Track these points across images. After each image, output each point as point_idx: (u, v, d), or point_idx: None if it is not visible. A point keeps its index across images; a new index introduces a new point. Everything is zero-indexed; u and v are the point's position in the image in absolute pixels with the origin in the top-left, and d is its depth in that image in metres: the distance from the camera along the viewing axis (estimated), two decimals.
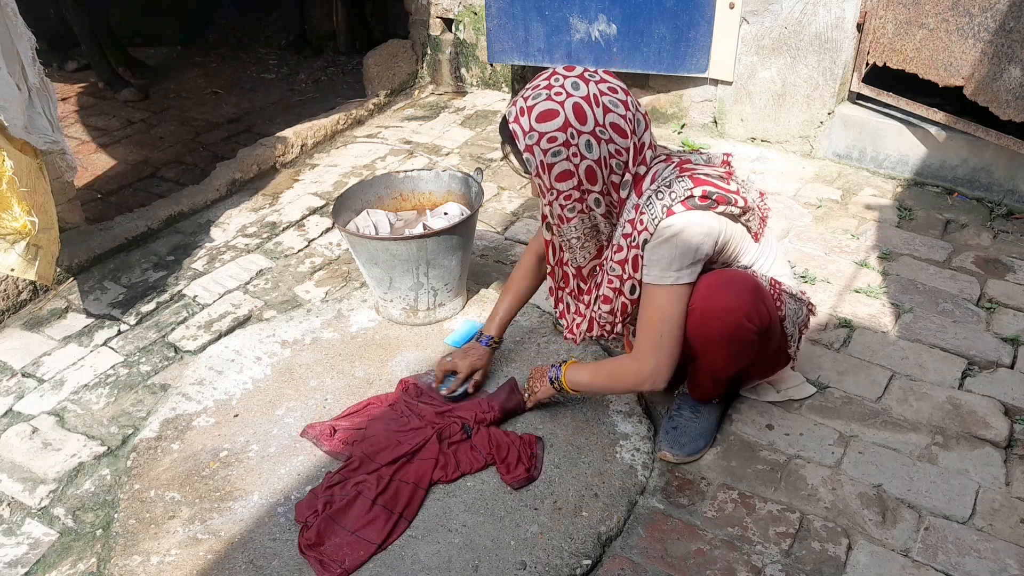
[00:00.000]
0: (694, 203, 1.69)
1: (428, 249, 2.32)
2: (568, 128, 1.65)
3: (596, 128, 1.66)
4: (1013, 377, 2.21)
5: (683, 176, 1.73)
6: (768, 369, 2.06)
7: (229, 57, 5.24)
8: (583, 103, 1.65)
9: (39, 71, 2.41)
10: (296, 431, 2.10)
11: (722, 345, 1.80)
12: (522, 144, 1.68)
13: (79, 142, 4.03)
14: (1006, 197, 3.02)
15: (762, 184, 3.21)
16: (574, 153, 1.67)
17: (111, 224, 3.00)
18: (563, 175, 1.70)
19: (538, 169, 1.69)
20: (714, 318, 1.75)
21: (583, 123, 1.65)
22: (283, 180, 3.47)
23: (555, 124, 1.65)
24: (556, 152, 1.67)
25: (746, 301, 1.75)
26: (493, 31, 3.70)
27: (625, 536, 1.80)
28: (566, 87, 1.67)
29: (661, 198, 1.70)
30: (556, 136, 1.65)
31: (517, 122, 1.68)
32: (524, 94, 1.70)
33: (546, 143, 1.66)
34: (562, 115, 1.64)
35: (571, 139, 1.66)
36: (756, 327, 1.78)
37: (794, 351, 1.98)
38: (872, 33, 3.11)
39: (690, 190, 1.70)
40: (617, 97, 1.68)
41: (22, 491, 1.99)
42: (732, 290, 1.75)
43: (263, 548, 1.78)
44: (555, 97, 1.66)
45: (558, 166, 1.68)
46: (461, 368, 2.12)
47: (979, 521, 1.80)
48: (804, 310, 1.97)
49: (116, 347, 2.48)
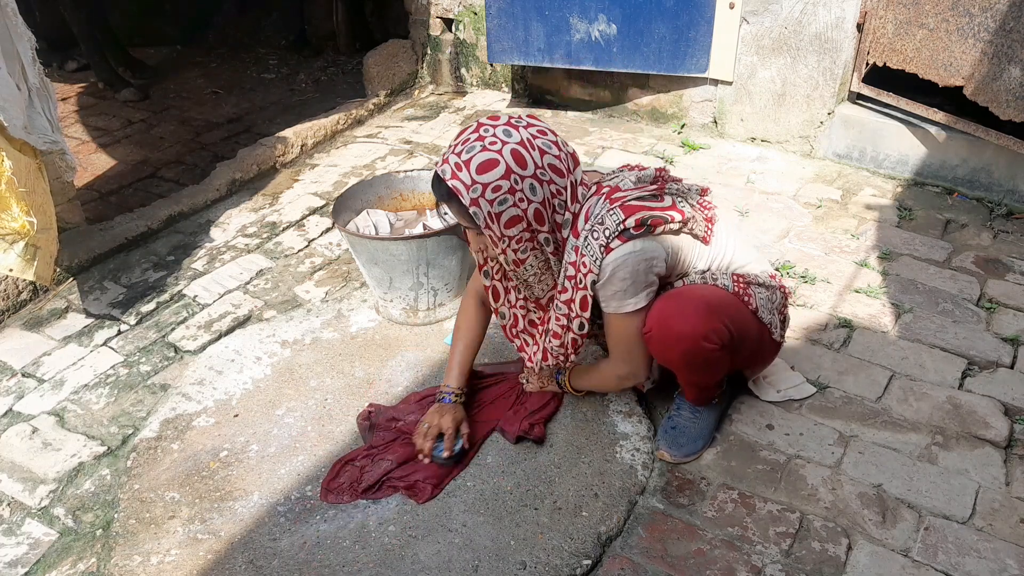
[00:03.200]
0: (629, 235, 1.72)
1: (428, 249, 2.32)
2: (511, 174, 1.65)
3: (537, 171, 1.68)
4: (1013, 377, 2.21)
5: (614, 208, 1.73)
6: (759, 362, 2.07)
7: (229, 57, 5.24)
8: (520, 148, 1.67)
9: (39, 71, 2.41)
10: (296, 431, 2.10)
11: (686, 366, 1.85)
12: (467, 199, 1.66)
13: (79, 142, 4.03)
14: (1006, 197, 3.02)
15: (762, 184, 3.21)
16: (520, 198, 1.68)
17: (111, 224, 3.00)
18: (512, 221, 1.70)
19: (487, 220, 1.68)
20: (671, 344, 1.78)
21: (524, 168, 1.66)
22: (283, 180, 3.47)
23: (497, 173, 1.65)
24: (503, 200, 1.67)
25: (702, 322, 1.75)
26: (493, 31, 3.70)
27: (625, 536, 1.80)
28: (499, 135, 1.67)
29: (596, 237, 1.72)
30: (500, 184, 1.65)
31: (456, 178, 1.66)
32: (454, 150, 1.68)
33: (491, 193, 1.66)
34: (502, 163, 1.65)
35: (515, 185, 1.66)
36: (716, 344, 1.78)
37: (779, 335, 1.98)
38: (872, 33, 3.11)
39: (622, 223, 1.71)
40: (548, 139, 1.71)
41: (22, 491, 1.99)
42: (685, 314, 1.75)
43: (263, 548, 1.78)
44: (491, 147, 1.66)
45: (506, 213, 1.69)
46: (447, 426, 1.96)
47: (979, 521, 1.80)
48: (778, 294, 1.95)
49: (116, 347, 2.48)
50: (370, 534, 1.80)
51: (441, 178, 1.69)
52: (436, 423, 1.97)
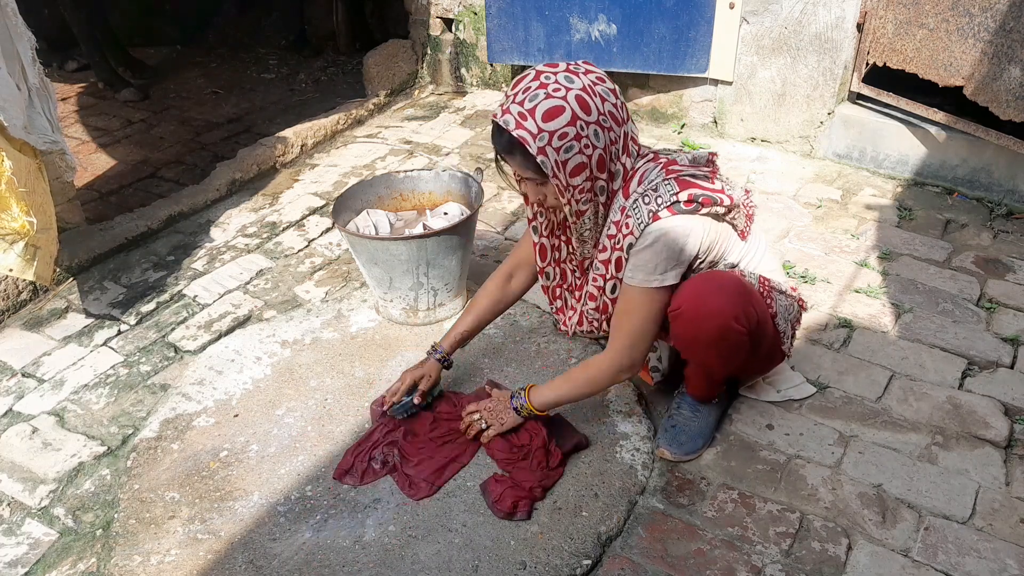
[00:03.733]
0: (679, 208, 1.71)
1: (428, 249, 2.32)
2: (577, 121, 1.63)
3: (599, 117, 1.65)
4: (1013, 377, 2.21)
5: (669, 179, 1.73)
6: (764, 367, 2.07)
7: (229, 57, 5.24)
8: (583, 94, 1.64)
9: (39, 71, 2.41)
10: (296, 431, 2.10)
11: (712, 347, 1.82)
12: (534, 148, 1.62)
13: (79, 142, 4.03)
14: (1006, 197, 3.02)
15: (762, 184, 3.21)
16: (585, 145, 1.65)
17: (111, 224, 3.00)
18: (577, 168, 1.68)
19: (554, 169, 1.66)
20: (703, 321, 1.76)
21: (588, 114, 1.64)
22: (283, 180, 3.47)
23: (564, 119, 1.62)
24: (569, 147, 1.64)
25: (734, 303, 1.76)
26: (493, 31, 3.70)
27: (625, 536, 1.80)
28: (561, 82, 1.64)
29: (647, 202, 1.71)
30: (567, 131, 1.63)
31: (522, 127, 1.62)
32: (516, 98, 1.65)
33: (558, 140, 1.63)
34: (568, 109, 1.62)
35: (581, 131, 1.64)
36: (745, 328, 1.79)
37: (788, 347, 2.00)
38: (872, 33, 3.11)
39: (676, 195, 1.71)
40: (607, 86, 1.69)
41: (22, 491, 1.99)
42: (720, 292, 1.76)
43: (263, 548, 1.78)
44: (554, 94, 1.63)
45: (572, 160, 1.66)
46: (405, 380, 2.00)
47: (979, 521, 1.80)
48: (795, 306, 1.98)
49: (116, 347, 2.48)
50: (370, 534, 1.80)
51: (503, 129, 1.64)
52: (402, 376, 2.03)
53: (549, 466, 1.90)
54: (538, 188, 1.75)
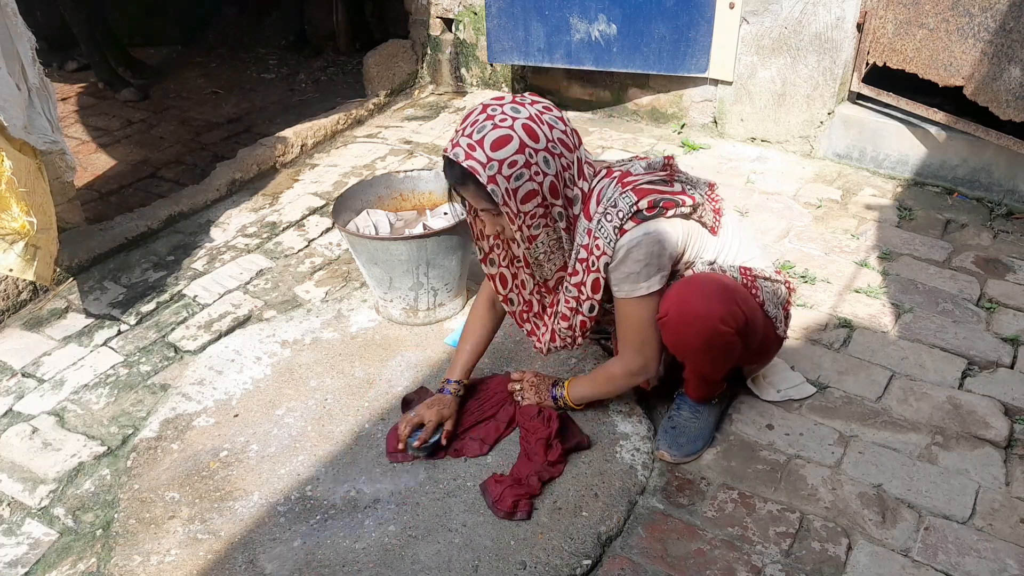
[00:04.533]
0: (642, 216, 1.73)
1: (428, 249, 2.32)
2: (525, 148, 1.66)
3: (548, 144, 1.68)
4: (1013, 377, 2.21)
5: (626, 191, 1.74)
6: (763, 357, 2.08)
7: (229, 57, 5.24)
8: (530, 123, 1.67)
9: (39, 71, 2.41)
10: (296, 431, 2.10)
11: (701, 351, 1.84)
12: (484, 177, 1.65)
13: (79, 142, 4.03)
14: (1006, 197, 3.02)
15: (762, 184, 3.21)
16: (536, 172, 1.68)
17: (111, 224, 3.00)
18: (528, 195, 1.70)
19: (504, 197, 1.68)
20: (689, 326, 1.78)
21: (536, 141, 1.67)
22: (283, 180, 3.47)
23: (512, 148, 1.65)
24: (519, 175, 1.67)
25: (718, 304, 1.76)
26: (493, 31, 3.70)
27: (625, 536, 1.80)
28: (507, 112, 1.68)
29: (610, 220, 1.74)
30: (516, 159, 1.65)
31: (471, 158, 1.65)
32: (464, 132, 1.68)
33: (508, 168, 1.65)
34: (516, 138, 1.65)
35: (530, 159, 1.66)
36: (733, 328, 1.79)
37: (783, 331, 2.00)
38: (872, 33, 3.11)
39: (635, 204, 1.73)
40: (554, 114, 1.72)
41: (22, 491, 1.99)
42: (702, 295, 1.77)
43: (263, 548, 1.78)
44: (501, 124, 1.66)
45: (523, 188, 1.68)
46: (429, 419, 1.98)
47: (979, 521, 1.80)
48: (782, 288, 1.98)
49: (116, 347, 2.48)
50: (370, 534, 1.80)
51: (454, 161, 1.67)
52: (421, 413, 1.99)
53: (548, 459, 1.91)
54: (495, 219, 1.78)
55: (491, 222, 1.80)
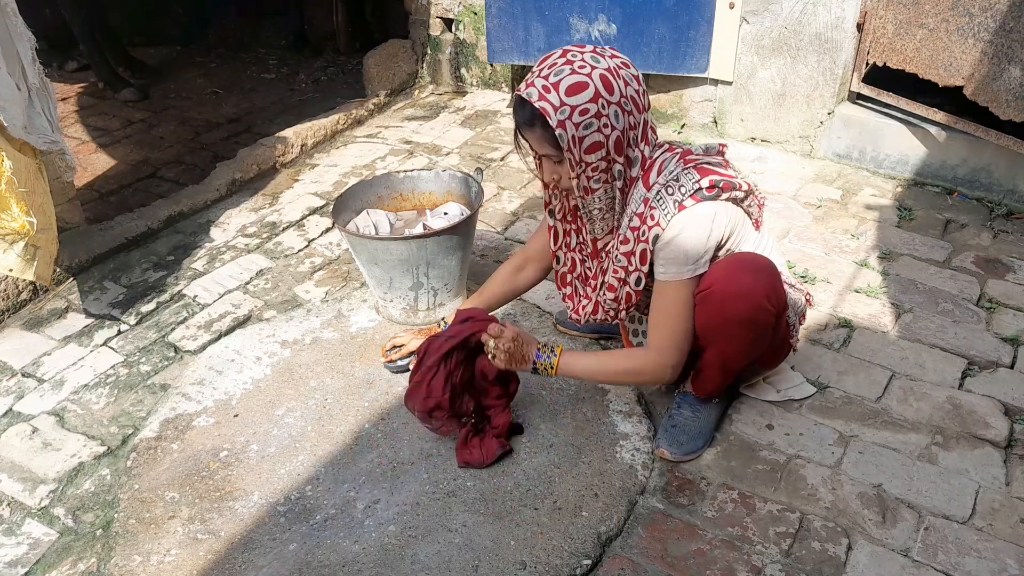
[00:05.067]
0: (703, 195, 1.72)
1: (428, 249, 2.32)
2: (599, 99, 1.64)
3: (621, 99, 1.67)
4: (1013, 377, 2.21)
5: (688, 168, 1.74)
6: (772, 360, 2.07)
7: (229, 57, 5.24)
8: (607, 74, 1.65)
9: (39, 71, 2.41)
10: (296, 431, 2.10)
11: (741, 327, 1.81)
12: (554, 120, 1.64)
13: (79, 142, 4.03)
14: (1006, 197, 3.02)
15: (762, 184, 3.21)
16: (605, 124, 1.66)
17: (111, 224, 3.00)
18: (593, 147, 1.69)
19: (570, 143, 1.67)
20: (734, 300, 1.76)
21: (611, 94, 1.65)
22: (283, 180, 3.47)
23: (586, 96, 1.63)
24: (588, 124, 1.65)
25: (765, 282, 1.78)
26: (493, 31, 3.70)
27: (625, 536, 1.80)
28: (587, 60, 1.66)
29: (671, 193, 1.73)
30: (588, 108, 1.64)
31: (544, 99, 1.63)
32: (541, 73, 1.67)
33: (578, 116, 1.64)
34: (592, 86, 1.63)
35: (602, 110, 1.65)
36: (775, 309, 1.80)
37: (795, 340, 2.03)
38: (872, 33, 3.11)
39: (697, 182, 1.72)
40: (631, 72, 1.70)
41: (22, 491, 1.99)
42: (751, 272, 1.77)
43: (263, 548, 1.78)
44: (579, 70, 1.64)
45: (589, 138, 1.67)
46: (407, 342, 2.20)
47: (979, 521, 1.80)
48: (802, 300, 2.01)
49: (116, 347, 2.48)
50: (370, 534, 1.80)
51: (526, 100, 1.66)
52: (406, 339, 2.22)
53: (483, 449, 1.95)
54: (554, 167, 1.76)
55: (549, 169, 1.78)
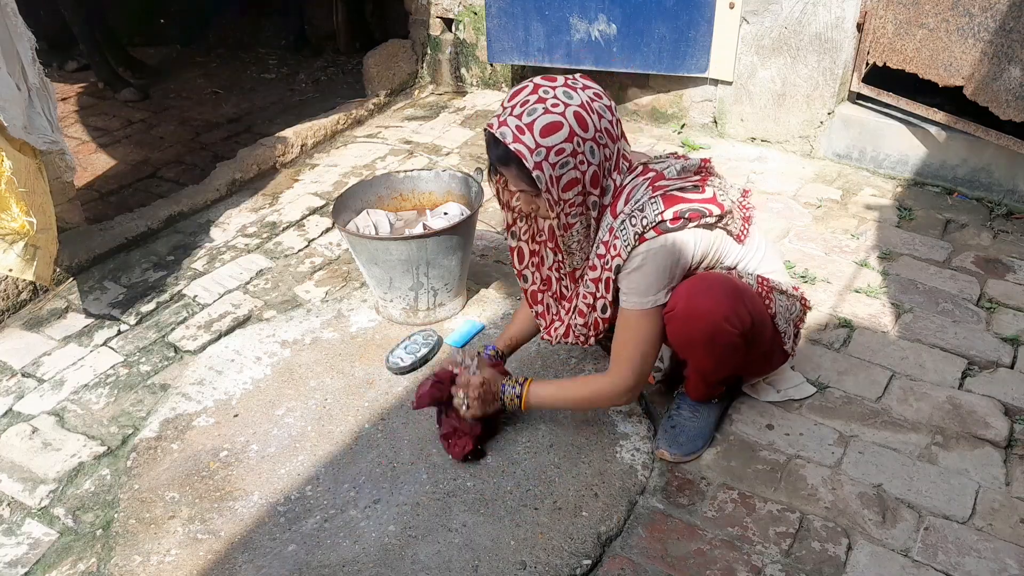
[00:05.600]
0: (665, 227, 1.71)
1: (428, 249, 2.32)
2: (574, 137, 1.64)
3: (596, 134, 1.66)
4: (1013, 377, 2.21)
5: (655, 197, 1.72)
6: (764, 367, 2.07)
7: (229, 57, 5.24)
8: (581, 111, 1.65)
9: (39, 71, 2.41)
10: (296, 431, 2.10)
11: (704, 348, 1.83)
12: (531, 163, 1.63)
13: (79, 142, 4.03)
14: (1006, 197, 3.02)
15: (762, 184, 3.21)
16: (581, 161, 1.66)
17: (111, 224, 3.00)
18: (570, 184, 1.69)
19: (548, 184, 1.67)
20: (694, 322, 1.77)
21: (585, 130, 1.65)
22: (283, 180, 3.47)
23: (561, 136, 1.63)
24: (564, 163, 1.65)
25: (725, 304, 1.76)
26: (493, 31, 3.70)
27: (625, 536, 1.80)
28: (560, 97, 1.65)
29: (634, 224, 1.72)
30: (564, 147, 1.63)
31: (519, 141, 1.63)
32: (514, 111, 1.66)
33: (554, 156, 1.64)
34: (566, 126, 1.63)
35: (577, 148, 1.65)
36: (737, 330, 1.79)
37: (791, 347, 2.00)
38: (872, 33, 3.11)
39: (660, 214, 1.70)
40: (604, 103, 1.70)
41: (22, 491, 1.99)
42: (711, 294, 1.76)
43: (263, 548, 1.78)
44: (553, 109, 1.64)
45: (566, 176, 1.67)
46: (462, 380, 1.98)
47: (979, 521, 1.80)
48: (797, 305, 1.98)
49: (116, 347, 2.48)
50: (370, 534, 1.80)
51: (500, 141, 1.65)
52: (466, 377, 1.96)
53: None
54: (531, 200, 1.77)
55: (526, 202, 1.78)
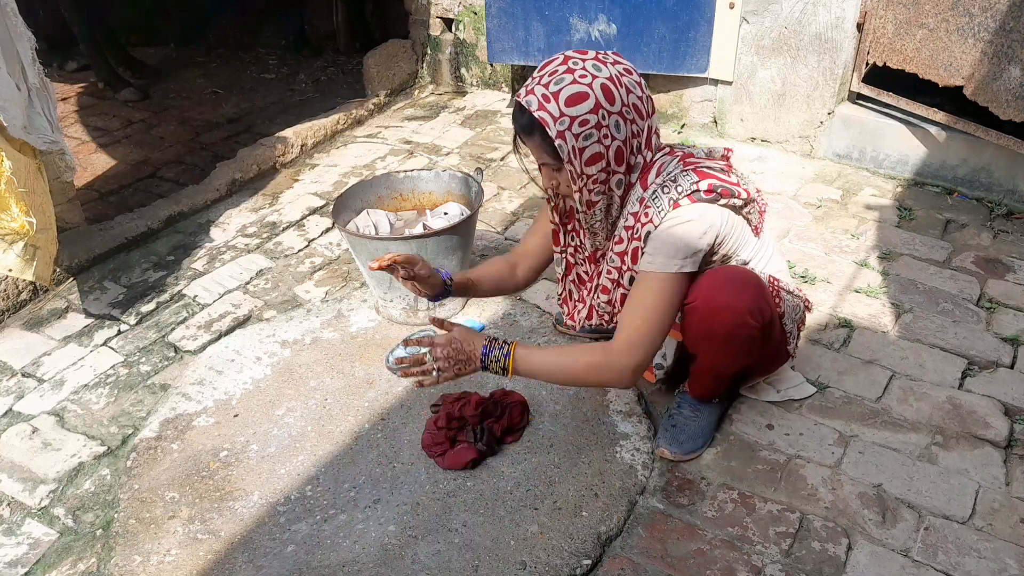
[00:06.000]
0: (699, 197, 1.70)
1: (428, 249, 2.32)
2: (599, 109, 1.61)
3: (623, 108, 1.64)
4: (1013, 377, 2.21)
5: (687, 170, 1.72)
6: (768, 366, 2.07)
7: (229, 57, 5.24)
8: (609, 83, 1.62)
9: (39, 71, 2.41)
10: (296, 431, 2.10)
11: (725, 343, 1.81)
12: (553, 131, 1.61)
13: (79, 142, 4.03)
14: (1006, 197, 3.02)
15: (762, 184, 3.21)
16: (605, 135, 1.64)
17: (111, 224, 3.00)
18: (593, 158, 1.67)
19: (570, 155, 1.64)
20: (716, 315, 1.75)
21: (612, 104, 1.62)
22: (283, 180, 3.47)
23: (586, 106, 1.61)
24: (588, 135, 1.63)
25: (748, 297, 1.76)
26: (493, 31, 3.70)
27: (625, 536, 1.80)
28: (588, 68, 1.63)
29: (667, 192, 1.70)
30: (588, 119, 1.61)
31: (544, 109, 1.61)
32: (541, 80, 1.64)
33: (578, 127, 1.62)
34: (592, 97, 1.61)
35: (602, 120, 1.62)
36: (759, 324, 1.79)
37: (793, 348, 2.00)
38: (872, 33, 3.11)
39: (695, 184, 1.69)
40: (634, 78, 1.68)
41: (22, 491, 1.99)
42: (734, 287, 1.75)
43: (263, 548, 1.78)
44: (580, 80, 1.61)
45: (589, 149, 1.65)
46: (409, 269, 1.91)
47: (979, 521, 1.80)
48: (801, 306, 1.99)
49: (116, 347, 2.48)
50: (370, 534, 1.80)
51: (525, 108, 1.63)
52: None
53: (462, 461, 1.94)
54: (553, 174, 1.74)
55: (547, 176, 1.76)
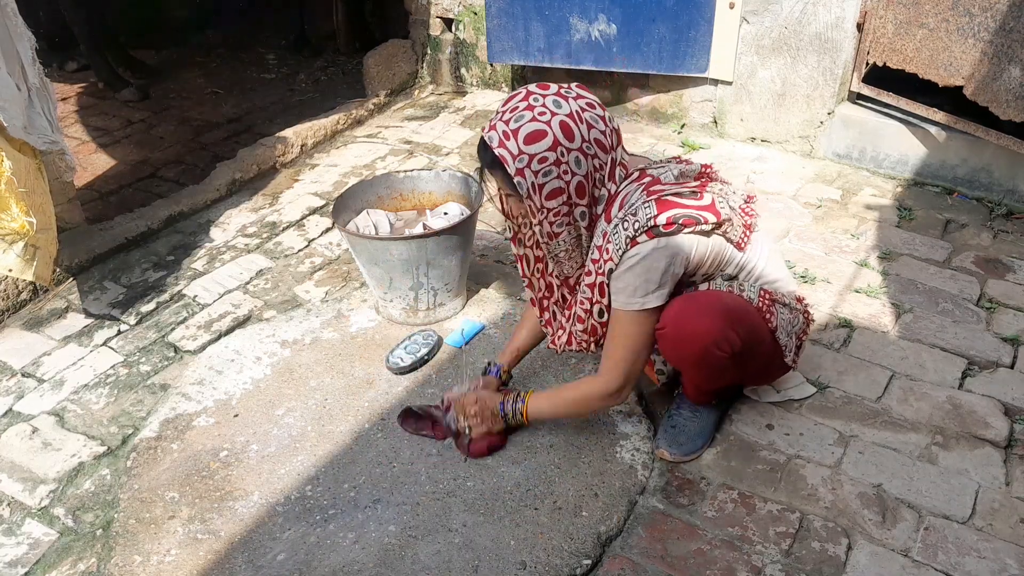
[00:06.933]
0: (658, 232, 1.69)
1: (428, 249, 2.32)
2: (558, 147, 1.64)
3: (583, 144, 1.67)
4: (1013, 377, 2.21)
5: (649, 202, 1.71)
6: (762, 379, 2.08)
7: (229, 57, 5.24)
8: (568, 120, 1.65)
9: (39, 71, 2.41)
10: (296, 431, 2.10)
11: (695, 367, 1.85)
12: (512, 168, 1.65)
13: (79, 142, 4.03)
14: (1006, 197, 3.02)
15: (762, 184, 3.21)
16: (564, 171, 1.67)
17: (111, 224, 3.00)
18: (553, 193, 1.69)
19: (530, 191, 1.68)
20: (684, 343, 1.78)
21: (571, 141, 1.65)
22: (283, 180, 3.47)
23: (544, 144, 1.64)
24: (547, 172, 1.66)
25: (715, 327, 1.75)
26: (493, 31, 3.70)
27: (625, 536, 1.80)
28: (548, 106, 1.66)
29: (626, 228, 1.71)
30: (547, 156, 1.65)
31: (503, 147, 1.65)
32: (503, 117, 1.67)
33: (537, 164, 1.65)
34: (550, 134, 1.64)
35: (561, 157, 1.65)
36: (727, 353, 1.78)
37: (792, 359, 1.98)
38: (872, 33, 3.11)
39: (653, 218, 1.69)
40: (596, 113, 1.70)
41: (22, 491, 1.99)
42: (701, 316, 1.75)
43: (263, 548, 1.78)
44: (539, 117, 1.64)
45: (549, 185, 1.68)
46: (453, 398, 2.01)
47: (979, 521, 1.80)
48: (800, 318, 1.96)
49: (116, 347, 2.48)
50: (370, 534, 1.80)
51: (487, 145, 1.68)
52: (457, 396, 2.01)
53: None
54: (520, 204, 1.77)
55: (517, 206, 1.80)
